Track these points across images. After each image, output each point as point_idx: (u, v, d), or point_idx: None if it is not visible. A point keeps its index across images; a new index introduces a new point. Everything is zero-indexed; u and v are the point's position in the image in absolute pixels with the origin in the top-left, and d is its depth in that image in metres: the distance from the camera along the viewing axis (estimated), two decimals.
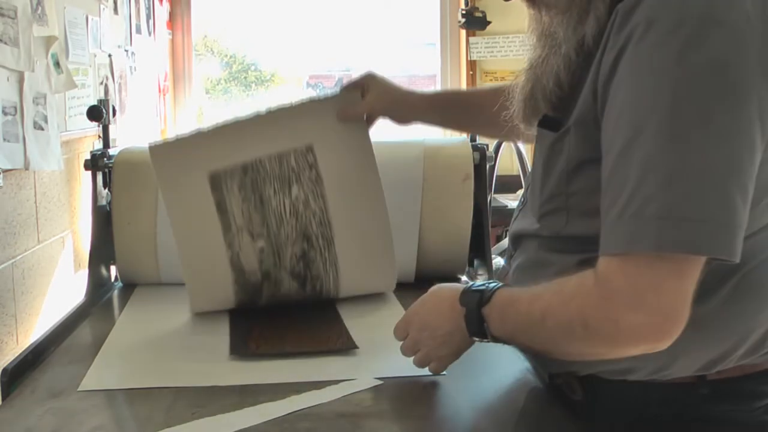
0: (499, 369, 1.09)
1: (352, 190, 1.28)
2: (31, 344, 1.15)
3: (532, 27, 0.95)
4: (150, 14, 2.82)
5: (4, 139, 1.50)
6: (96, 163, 1.56)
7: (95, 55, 2.13)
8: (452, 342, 0.97)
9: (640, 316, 0.75)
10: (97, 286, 1.53)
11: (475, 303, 0.91)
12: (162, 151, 1.29)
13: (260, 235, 1.22)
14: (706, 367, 0.88)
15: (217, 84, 4.00)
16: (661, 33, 0.75)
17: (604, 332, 0.78)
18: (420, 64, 3.74)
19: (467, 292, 0.93)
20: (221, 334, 1.22)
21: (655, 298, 0.75)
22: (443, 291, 0.99)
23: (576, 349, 0.84)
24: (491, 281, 0.94)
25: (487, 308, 0.90)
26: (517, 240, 1.03)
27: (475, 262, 1.63)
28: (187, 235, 1.26)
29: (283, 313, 1.33)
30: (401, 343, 1.03)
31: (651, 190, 0.74)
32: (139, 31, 2.65)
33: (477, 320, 0.91)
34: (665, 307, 0.75)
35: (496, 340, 0.92)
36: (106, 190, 1.58)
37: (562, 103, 0.90)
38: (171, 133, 3.09)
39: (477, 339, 0.94)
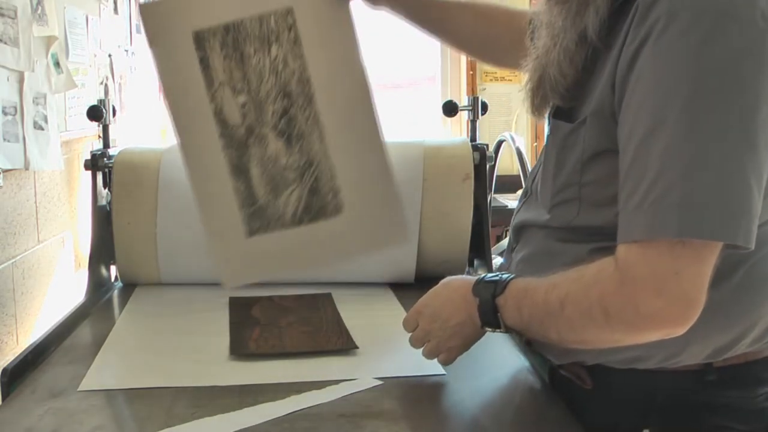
0: (499, 369, 1.09)
1: (330, 52, 1.34)
2: (31, 344, 1.15)
3: (539, 16, 0.95)
4: None
5: (4, 139, 1.50)
6: (96, 163, 1.56)
7: (95, 55, 2.13)
8: (463, 333, 0.97)
9: (661, 302, 0.77)
10: (97, 286, 1.53)
11: (489, 293, 0.92)
12: (152, 10, 1.37)
13: (241, 90, 1.30)
14: (714, 354, 0.89)
15: None
16: (681, 27, 0.77)
17: (625, 318, 0.79)
18: (420, 64, 3.74)
19: (481, 283, 0.94)
20: (221, 334, 1.22)
21: (676, 284, 0.76)
22: (455, 282, 1.00)
23: (594, 336, 0.85)
24: (503, 273, 0.95)
25: (501, 298, 0.91)
26: (520, 231, 1.03)
27: (475, 262, 1.63)
28: (174, 91, 1.33)
29: (283, 313, 1.33)
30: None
31: (671, 179, 0.76)
32: (139, 31, 2.65)
33: (491, 310, 0.92)
34: (685, 293, 0.77)
35: (509, 330, 0.93)
36: (106, 190, 1.58)
37: (569, 93, 0.91)
38: (171, 133, 3.09)
39: (489, 329, 0.95)
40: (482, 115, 1.72)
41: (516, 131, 3.17)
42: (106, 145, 1.65)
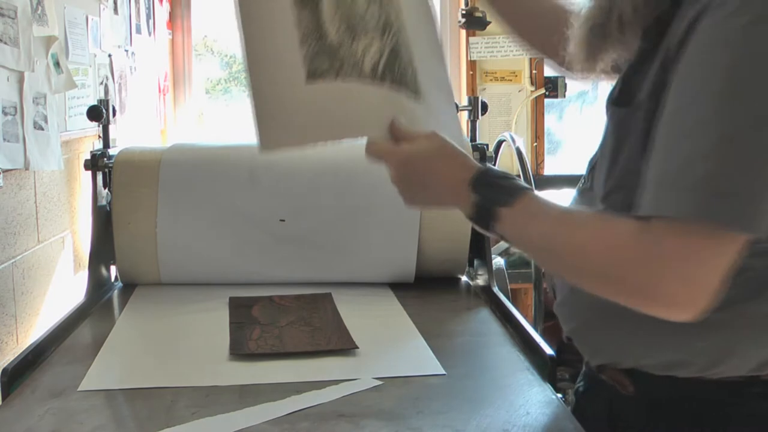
0: (499, 369, 1.09)
1: None
2: (31, 344, 1.15)
3: None
4: (150, 14, 2.82)
5: (4, 139, 1.50)
6: (96, 163, 1.57)
7: (95, 55, 2.13)
8: (442, 205, 0.97)
9: (683, 286, 0.74)
10: (97, 286, 1.53)
11: (490, 200, 0.87)
12: None
13: None
14: (759, 368, 0.86)
15: (217, 84, 3.99)
16: (733, 7, 0.74)
17: (641, 290, 0.76)
18: None
19: (483, 180, 0.89)
20: (221, 334, 1.22)
21: (700, 270, 0.74)
22: (453, 164, 0.92)
23: (595, 289, 0.81)
24: (509, 175, 0.89)
25: (505, 210, 0.85)
26: None
27: (475, 262, 1.63)
28: None
29: (283, 313, 1.33)
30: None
31: (705, 155, 0.72)
32: (139, 31, 2.65)
33: (488, 216, 0.87)
34: (708, 283, 0.74)
35: (500, 236, 0.88)
36: (106, 190, 1.58)
37: (632, 41, 0.87)
38: (171, 134, 3.09)
39: (476, 227, 0.90)
40: (482, 115, 1.72)
41: (516, 131, 3.16)
42: (106, 145, 1.65)
